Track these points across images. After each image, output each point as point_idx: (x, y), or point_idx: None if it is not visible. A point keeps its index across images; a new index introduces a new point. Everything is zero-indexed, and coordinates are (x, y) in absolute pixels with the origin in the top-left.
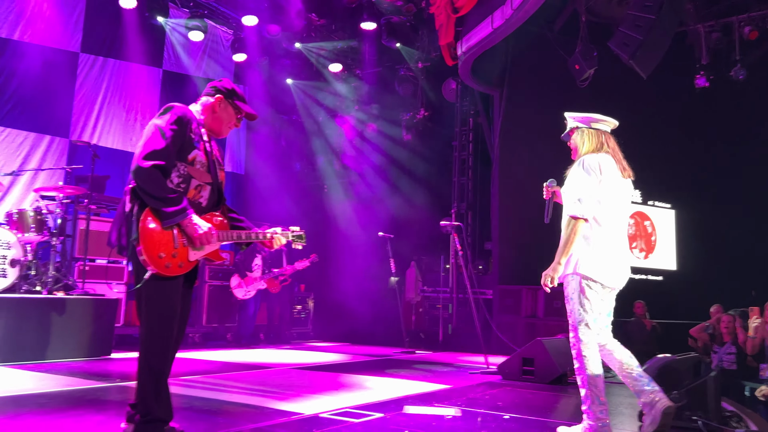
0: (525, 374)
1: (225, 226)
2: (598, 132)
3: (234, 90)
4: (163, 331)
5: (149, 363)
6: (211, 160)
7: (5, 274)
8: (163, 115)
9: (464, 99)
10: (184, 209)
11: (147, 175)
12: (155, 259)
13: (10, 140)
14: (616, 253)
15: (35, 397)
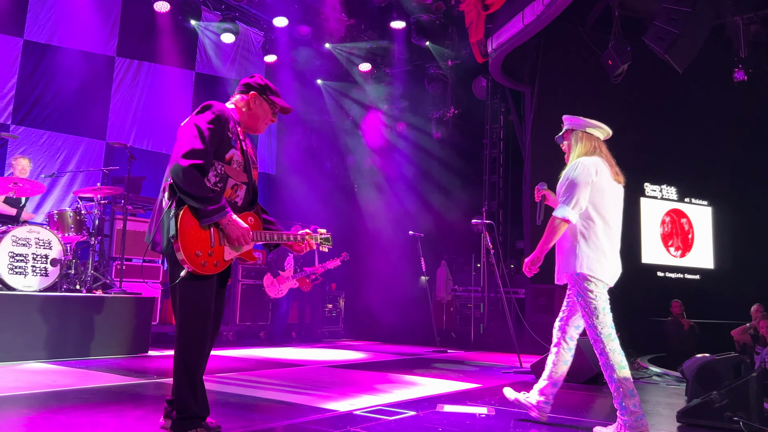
0: None
1: (258, 226)
2: (592, 137)
3: (267, 85)
4: (198, 329)
5: (185, 360)
6: (247, 159)
7: (47, 273)
8: (201, 113)
9: (495, 96)
10: (223, 207)
11: (186, 173)
12: (192, 257)
13: (50, 143)
14: (614, 252)
15: (77, 392)
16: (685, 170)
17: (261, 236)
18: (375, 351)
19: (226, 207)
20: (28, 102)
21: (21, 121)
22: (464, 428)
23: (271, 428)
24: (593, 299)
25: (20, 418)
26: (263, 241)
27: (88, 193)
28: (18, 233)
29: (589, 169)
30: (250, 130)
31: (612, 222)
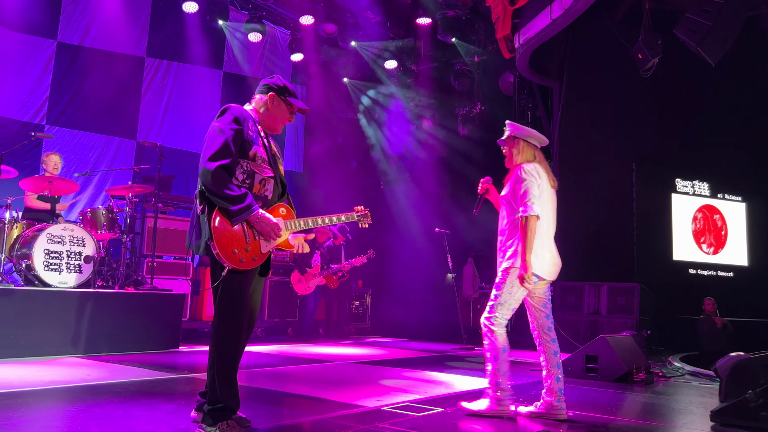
0: (588, 372)
1: (291, 215)
2: (531, 144)
3: (285, 86)
4: (235, 323)
5: (221, 353)
6: (270, 155)
7: (81, 270)
8: (221, 117)
9: (522, 92)
10: (250, 205)
11: (213, 176)
12: (230, 255)
13: (83, 143)
14: (551, 249)
15: (111, 386)
16: (718, 165)
17: (296, 224)
18: (402, 348)
19: (252, 205)
20: (61, 103)
21: (55, 122)
22: (492, 425)
23: (300, 423)
24: (516, 290)
25: (57, 411)
26: (298, 228)
27: (120, 192)
28: (53, 231)
29: (534, 173)
30: (269, 129)
31: (549, 222)
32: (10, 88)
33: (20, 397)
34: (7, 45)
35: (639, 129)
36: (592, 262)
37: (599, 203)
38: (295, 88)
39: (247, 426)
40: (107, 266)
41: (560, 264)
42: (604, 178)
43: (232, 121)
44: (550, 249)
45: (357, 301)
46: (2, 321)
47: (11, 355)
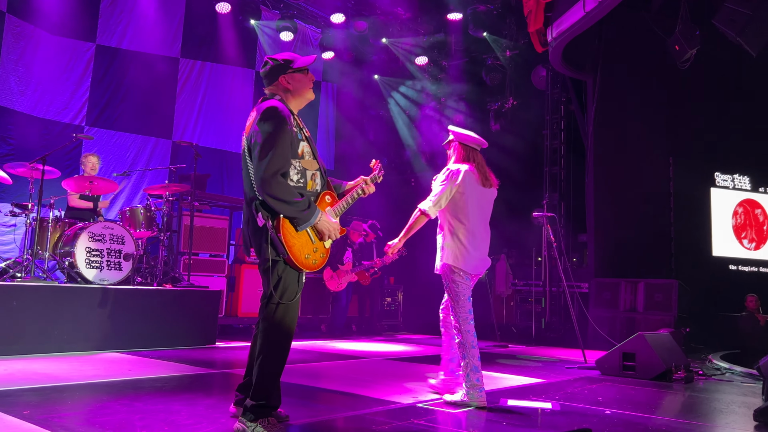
0: (626, 369)
1: (335, 199)
2: (468, 147)
3: (286, 59)
4: (291, 322)
5: (274, 352)
6: (313, 146)
7: (120, 267)
8: (268, 120)
9: (555, 86)
10: (314, 210)
11: (275, 184)
12: (303, 261)
13: (121, 143)
14: (477, 247)
15: (152, 381)
16: (760, 158)
17: (341, 207)
18: (434, 344)
19: (316, 208)
20: (100, 104)
21: (94, 123)
22: (528, 422)
23: (336, 419)
24: (455, 287)
25: (102, 405)
26: (343, 210)
27: (157, 191)
28: (94, 229)
29: (453, 177)
30: (303, 102)
31: (476, 221)
32: (52, 91)
33: (66, 391)
34: (49, 49)
35: (676, 122)
36: (628, 259)
37: (635, 199)
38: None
39: (285, 422)
40: (146, 263)
41: (488, 261)
42: (640, 172)
43: (282, 122)
44: (479, 247)
45: (389, 298)
46: (47, 317)
47: (55, 350)
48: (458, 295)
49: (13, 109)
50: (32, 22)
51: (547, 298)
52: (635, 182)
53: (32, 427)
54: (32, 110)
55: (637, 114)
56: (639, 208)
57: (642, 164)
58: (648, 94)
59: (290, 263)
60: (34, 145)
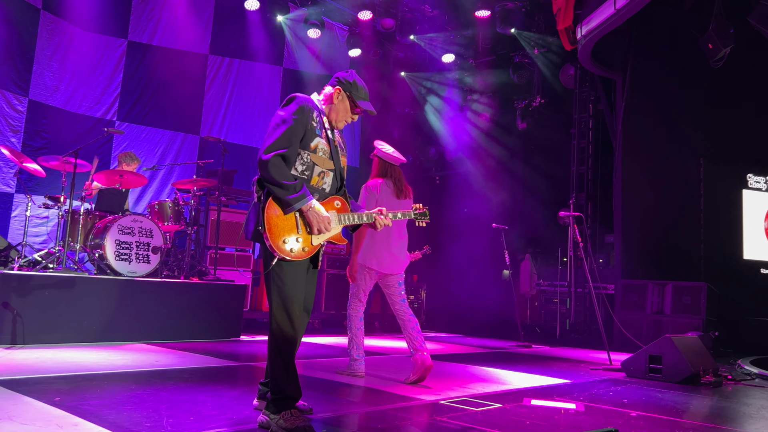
0: (652, 372)
1: (346, 209)
2: (386, 162)
3: (355, 83)
4: (289, 313)
5: (278, 343)
6: (333, 147)
7: (149, 260)
8: (286, 105)
9: (583, 85)
10: (304, 195)
11: (270, 164)
12: (280, 245)
13: (150, 138)
14: (389, 248)
15: (178, 371)
16: None
17: (350, 218)
18: (457, 343)
19: (306, 195)
20: (131, 99)
21: (125, 118)
22: (553, 423)
23: (360, 413)
24: (361, 281)
25: (129, 394)
26: (352, 222)
27: (185, 185)
28: (124, 222)
29: (373, 190)
30: (332, 122)
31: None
32: (85, 86)
33: (95, 380)
34: (82, 45)
35: (707, 122)
36: (656, 260)
37: (664, 200)
38: (366, 87)
39: (308, 414)
40: (173, 257)
41: (403, 261)
42: (670, 173)
43: (296, 110)
44: (389, 248)
45: (412, 296)
46: (77, 307)
47: (84, 339)
48: (359, 288)
49: (48, 104)
50: (66, 19)
51: (572, 299)
52: (664, 183)
53: (63, 414)
54: (66, 105)
55: (667, 113)
56: (668, 209)
57: (671, 165)
58: (679, 94)
59: (265, 240)
60: (67, 139)
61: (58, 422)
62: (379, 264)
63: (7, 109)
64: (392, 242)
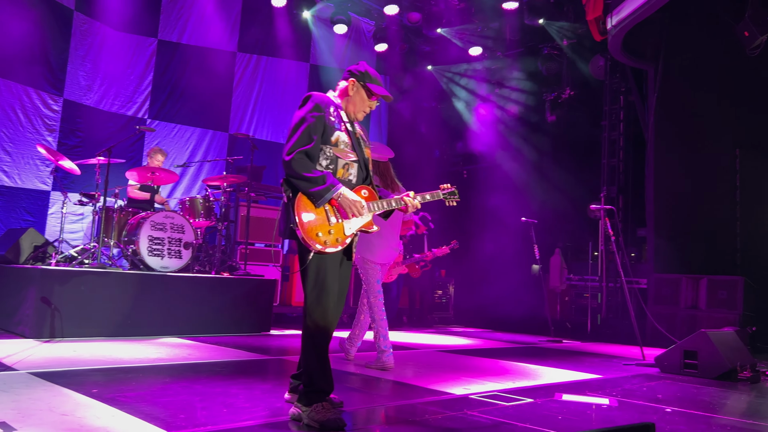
0: (687, 368)
1: (374, 197)
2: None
3: (367, 72)
4: (323, 306)
5: (312, 336)
6: (354, 138)
7: (180, 255)
8: (303, 105)
9: (614, 76)
10: (332, 185)
11: (294, 161)
12: (314, 238)
13: (180, 136)
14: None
15: (210, 365)
16: None
17: (378, 205)
18: (486, 338)
19: (335, 184)
20: (161, 98)
21: (156, 116)
22: (585, 418)
23: (390, 406)
24: (366, 274)
25: (164, 386)
26: (381, 209)
27: (215, 182)
28: (156, 219)
29: None
30: (350, 115)
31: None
32: (116, 85)
33: (131, 373)
34: (115, 45)
35: (743, 113)
36: (690, 254)
37: (698, 192)
38: (379, 76)
39: (339, 408)
40: (204, 252)
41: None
42: (704, 165)
43: (313, 108)
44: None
45: (440, 291)
46: (112, 302)
47: (118, 333)
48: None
49: (82, 103)
50: (98, 19)
51: (603, 294)
52: (698, 175)
53: (101, 405)
54: (98, 104)
55: (701, 104)
56: (702, 201)
57: (706, 156)
58: (713, 83)
59: (298, 235)
60: (100, 138)
61: (96, 413)
62: (373, 255)
63: (43, 109)
64: (384, 233)
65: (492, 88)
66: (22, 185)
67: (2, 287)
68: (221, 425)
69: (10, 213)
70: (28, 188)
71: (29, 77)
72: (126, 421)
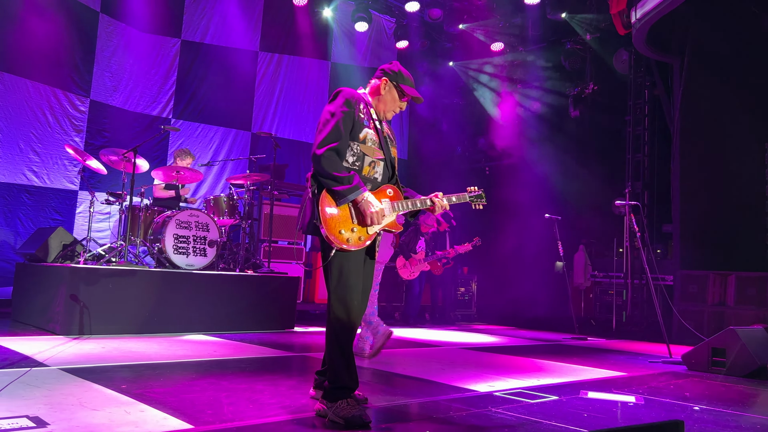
0: (715, 366)
1: (399, 197)
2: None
3: (400, 72)
4: (347, 303)
5: (337, 333)
6: (382, 137)
7: (205, 253)
8: (333, 100)
9: (638, 70)
10: (357, 187)
11: (323, 158)
12: (337, 235)
13: (203, 135)
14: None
15: (236, 361)
16: None
17: (403, 205)
18: (510, 335)
19: (360, 186)
20: (185, 97)
21: (180, 115)
22: (611, 415)
23: (414, 403)
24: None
25: (191, 382)
26: (406, 209)
27: (239, 180)
28: (181, 217)
29: None
30: (379, 114)
31: None
32: (141, 85)
33: (158, 369)
34: (138, 45)
35: None
36: (717, 250)
37: (725, 187)
38: (411, 76)
39: (364, 404)
40: (228, 250)
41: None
42: (732, 159)
43: (343, 104)
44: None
45: (462, 288)
46: (138, 300)
47: (145, 330)
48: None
49: (108, 104)
50: (123, 20)
51: (628, 291)
52: (726, 169)
53: (130, 400)
54: (124, 104)
55: (728, 97)
56: (730, 196)
57: (734, 150)
58: (741, 77)
59: (321, 231)
60: (126, 137)
61: (126, 408)
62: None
63: (70, 110)
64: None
65: (514, 83)
66: (50, 185)
67: (33, 285)
68: (247, 421)
69: (40, 212)
70: (57, 188)
71: (57, 79)
72: (154, 416)
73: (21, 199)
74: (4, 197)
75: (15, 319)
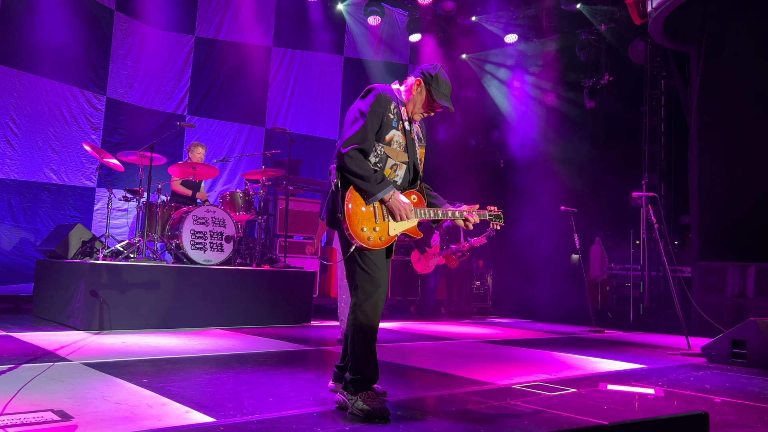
0: (735, 357)
1: (421, 204)
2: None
3: (437, 77)
4: (372, 297)
5: (360, 326)
6: (409, 139)
7: (222, 248)
8: (365, 97)
9: (654, 60)
10: (387, 184)
11: (349, 157)
12: (358, 233)
13: (219, 131)
14: None
15: (254, 355)
16: None
17: (425, 212)
18: (526, 329)
19: (389, 184)
20: (200, 94)
21: (195, 112)
22: (631, 408)
23: (432, 396)
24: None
25: (210, 376)
26: (428, 217)
27: (254, 176)
28: (198, 213)
29: None
30: (409, 114)
31: None
32: (156, 82)
33: (178, 363)
34: (154, 43)
35: None
36: (736, 242)
37: (744, 177)
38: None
39: (383, 397)
40: (245, 245)
41: None
42: (750, 150)
43: (374, 102)
44: None
45: (478, 281)
46: (157, 295)
47: (164, 325)
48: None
49: (123, 101)
50: (138, 18)
51: (645, 283)
52: (744, 160)
53: (152, 394)
54: (140, 101)
55: (747, 87)
56: (748, 187)
57: (751, 140)
58: (759, 66)
59: (343, 227)
60: (142, 134)
61: (148, 402)
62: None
63: (87, 108)
64: None
65: (529, 75)
66: (69, 183)
67: (54, 281)
68: (269, 414)
69: (59, 210)
70: (75, 185)
71: (74, 77)
72: (176, 410)
73: (40, 197)
74: (23, 195)
75: (36, 315)
